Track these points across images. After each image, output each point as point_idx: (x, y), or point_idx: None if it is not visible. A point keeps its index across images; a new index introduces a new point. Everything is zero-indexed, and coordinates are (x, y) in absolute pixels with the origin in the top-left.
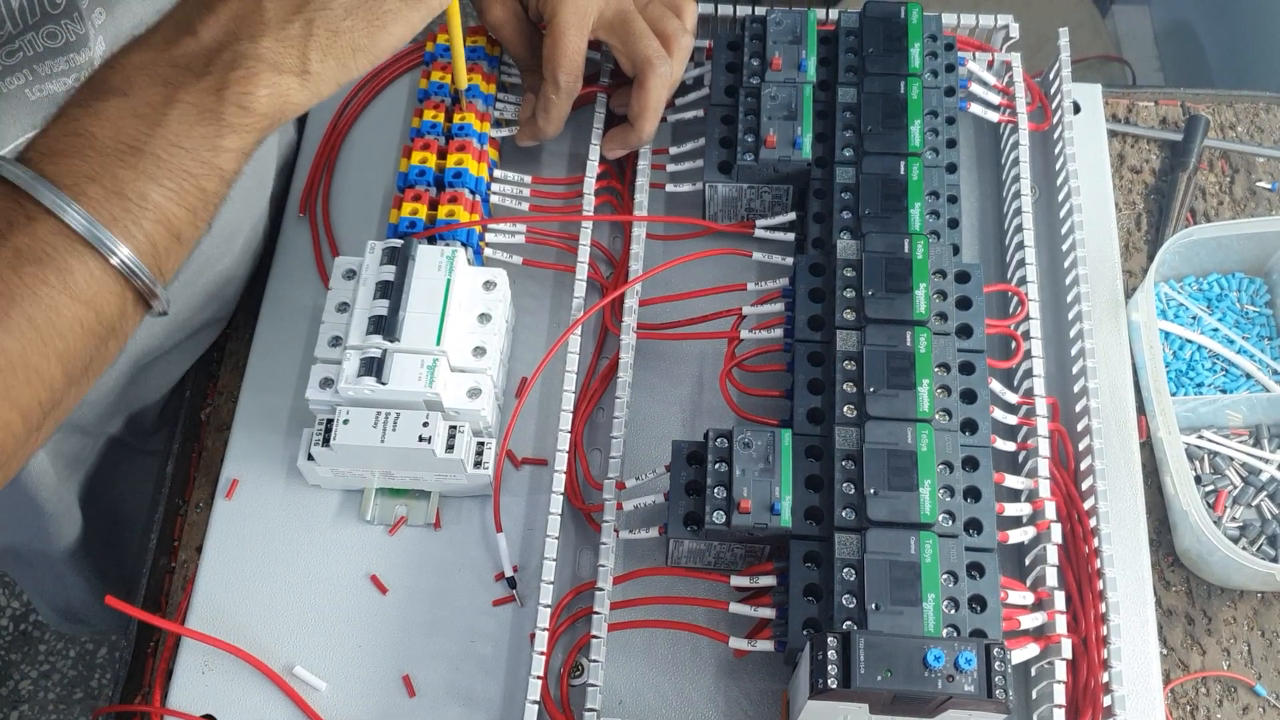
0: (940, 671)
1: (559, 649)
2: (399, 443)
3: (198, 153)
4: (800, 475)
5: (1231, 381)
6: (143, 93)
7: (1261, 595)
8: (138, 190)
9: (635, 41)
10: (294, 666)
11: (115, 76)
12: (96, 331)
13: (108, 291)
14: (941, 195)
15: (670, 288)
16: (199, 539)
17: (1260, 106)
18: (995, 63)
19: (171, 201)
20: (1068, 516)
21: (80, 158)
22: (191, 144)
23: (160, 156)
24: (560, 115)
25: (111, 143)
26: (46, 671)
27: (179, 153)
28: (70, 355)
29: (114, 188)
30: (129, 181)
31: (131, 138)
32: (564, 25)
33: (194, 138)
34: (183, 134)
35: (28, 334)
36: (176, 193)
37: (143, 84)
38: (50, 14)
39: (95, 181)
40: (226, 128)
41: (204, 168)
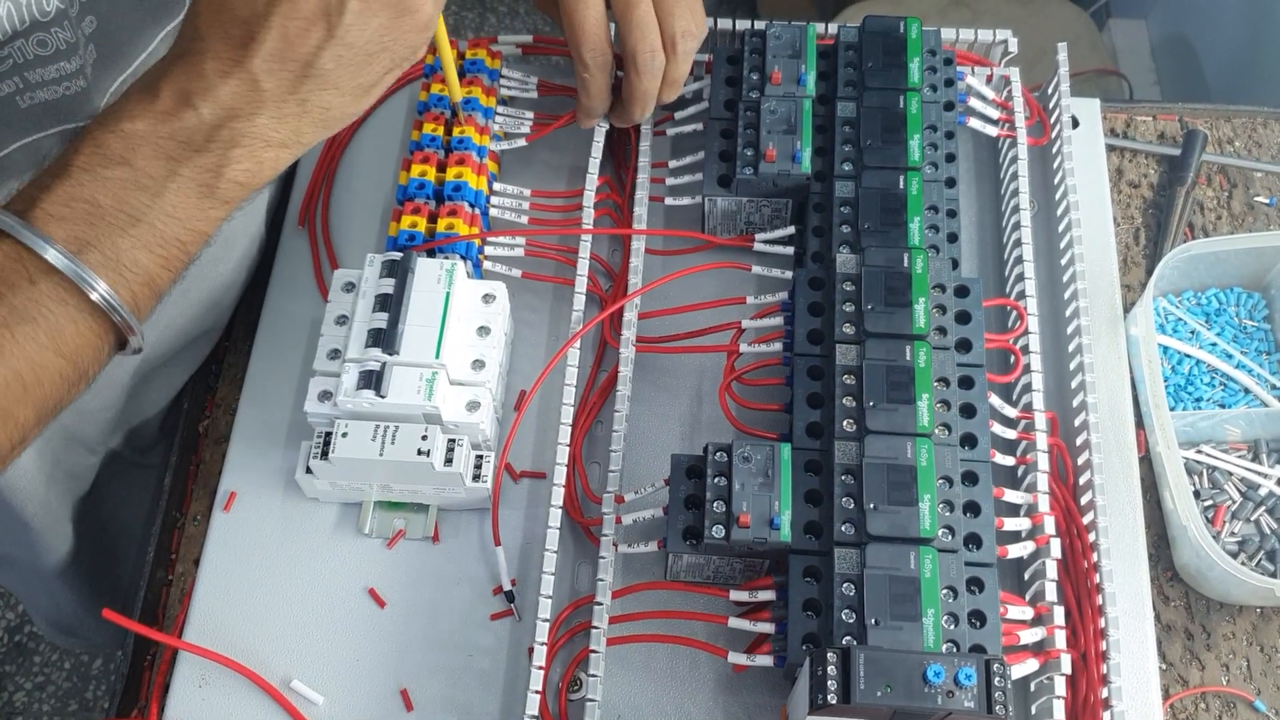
0: (940, 687)
1: (557, 663)
2: (397, 456)
3: (190, 222)
4: (799, 490)
5: (1230, 396)
6: (146, 164)
7: (1260, 610)
8: (133, 258)
9: (631, 31)
10: (291, 680)
11: (118, 145)
12: (73, 380)
13: (90, 346)
14: (940, 209)
15: (669, 301)
16: (196, 552)
17: (1258, 121)
18: (994, 77)
19: (159, 264)
20: (1067, 531)
21: (86, 224)
22: (186, 214)
23: (156, 226)
24: (600, 90)
25: (114, 212)
26: (41, 684)
27: (174, 223)
28: (46, 402)
29: (113, 255)
30: (126, 250)
31: (133, 208)
32: (566, 11)
33: (189, 209)
34: (179, 205)
35: (12, 387)
36: (165, 258)
37: (146, 156)
38: (40, 22)
39: (97, 249)
40: (220, 201)
41: (192, 235)
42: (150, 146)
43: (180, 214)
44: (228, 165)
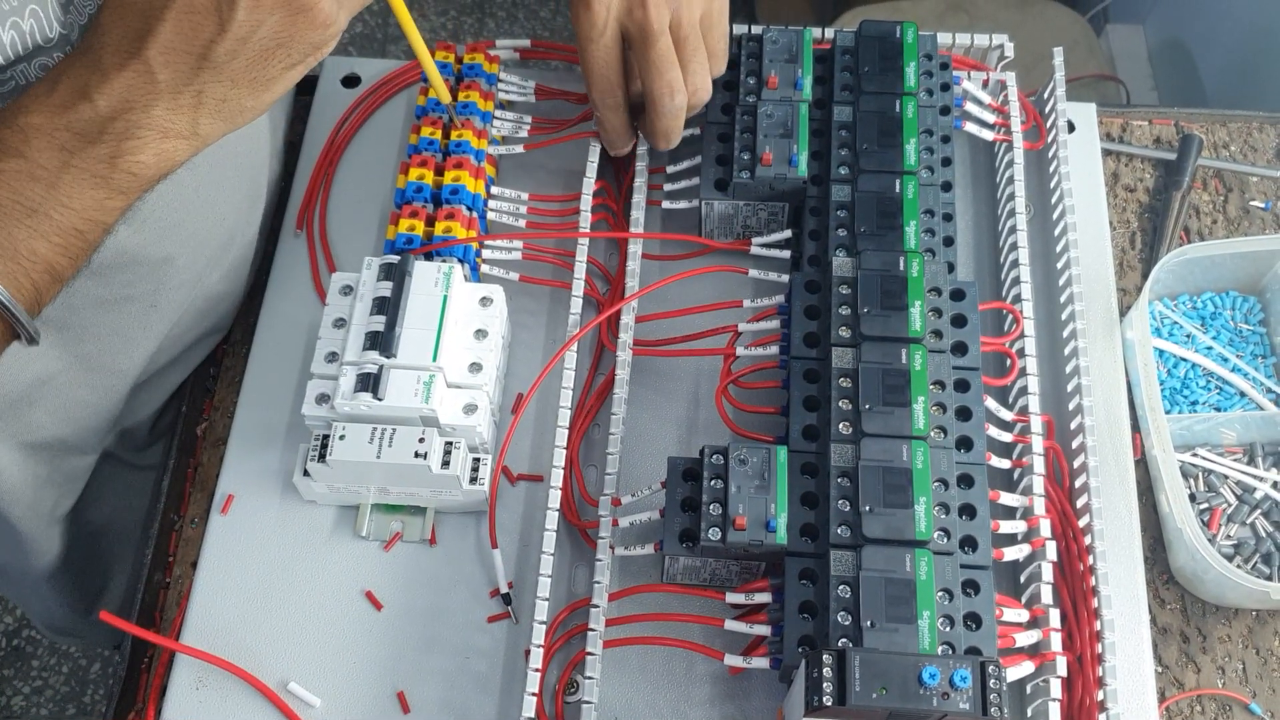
0: (935, 689)
1: (554, 666)
2: (395, 458)
3: (86, 212)
4: (796, 492)
5: (1226, 399)
6: (40, 156)
7: (1256, 613)
8: (30, 248)
9: (648, 70)
10: (288, 683)
11: (14, 138)
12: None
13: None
14: (937, 213)
15: (666, 304)
16: (194, 554)
17: (1254, 126)
18: (990, 82)
19: (58, 253)
20: (1063, 534)
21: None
22: (82, 205)
23: (53, 216)
24: (615, 128)
25: (9, 204)
26: (39, 687)
27: (70, 213)
28: None
29: (10, 246)
30: (23, 240)
31: (29, 200)
32: (579, 39)
33: (85, 200)
34: (75, 196)
35: None
36: (63, 246)
37: (40, 147)
38: (44, 47)
39: None
40: (116, 191)
41: (90, 224)
42: (44, 139)
43: (76, 204)
44: (122, 156)
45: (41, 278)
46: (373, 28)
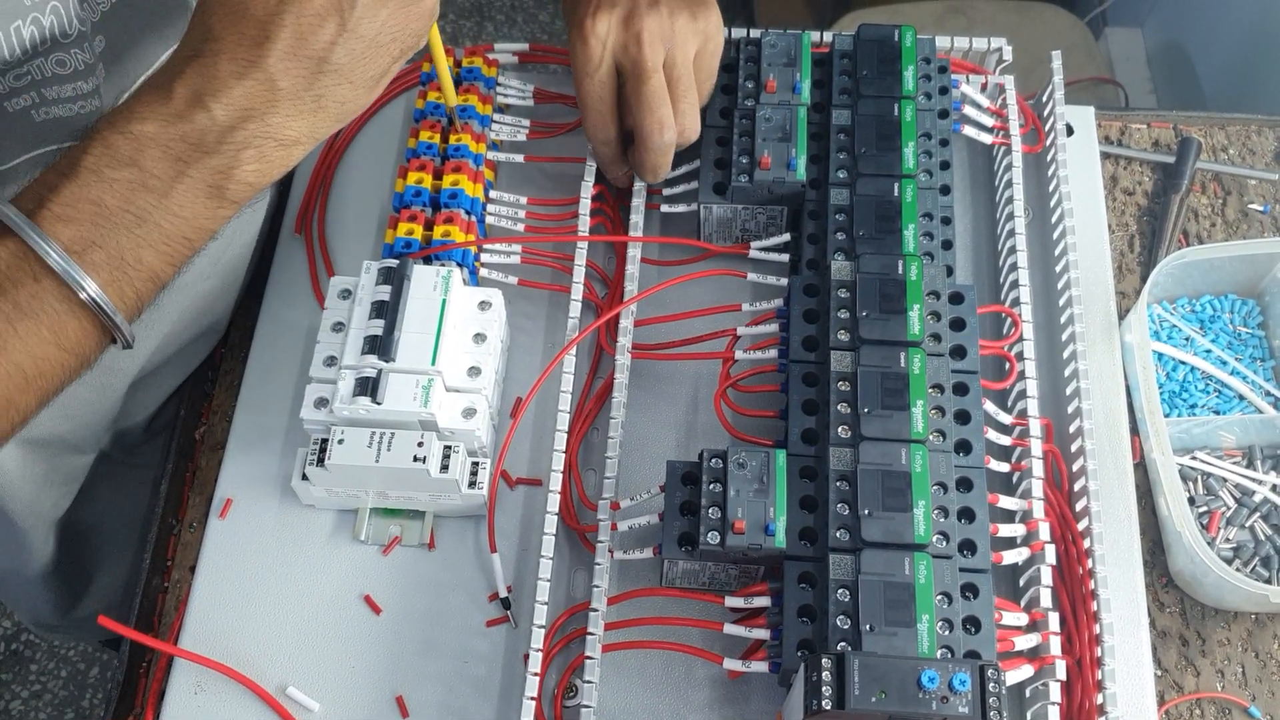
0: (935, 693)
1: (553, 670)
2: (394, 463)
3: (196, 221)
4: (795, 496)
5: (1224, 403)
6: (154, 166)
7: (1255, 616)
8: (136, 256)
9: (639, 106)
10: (287, 687)
11: (126, 145)
12: (74, 369)
13: (93, 340)
14: (935, 217)
15: (665, 308)
16: (192, 559)
17: (1252, 129)
18: (988, 85)
19: (163, 261)
20: (1062, 538)
21: (91, 225)
22: (193, 214)
23: (162, 226)
24: (611, 160)
25: (119, 213)
26: (38, 691)
27: (180, 222)
28: (48, 391)
29: (117, 254)
30: (130, 249)
31: (139, 209)
32: (575, 73)
33: (196, 209)
34: (186, 206)
35: (15, 379)
36: (169, 254)
37: (155, 158)
38: (61, 42)
39: (101, 248)
40: (227, 201)
41: (198, 232)
42: (159, 148)
43: (187, 214)
44: (238, 167)
45: (145, 285)
46: None
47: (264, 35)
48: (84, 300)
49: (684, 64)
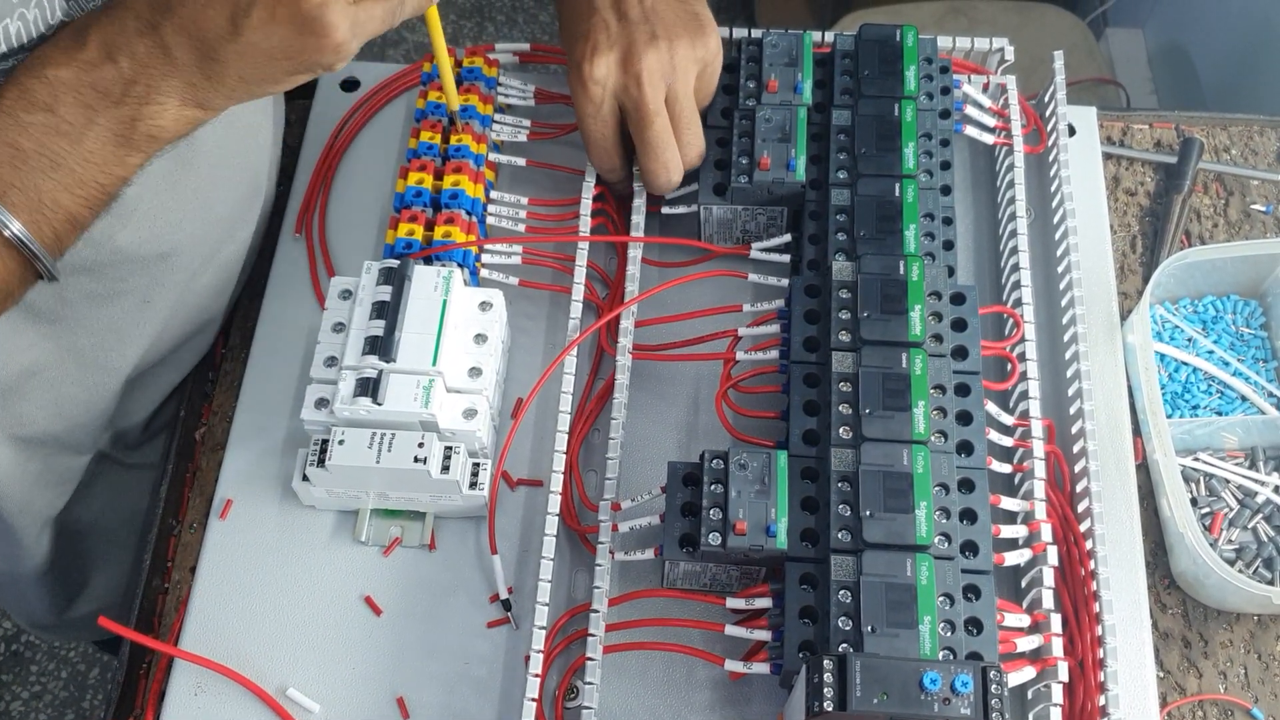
0: (936, 694)
1: (554, 671)
2: (394, 464)
3: (107, 166)
4: (796, 497)
5: (1227, 404)
6: (66, 111)
7: (1258, 618)
8: (53, 199)
9: (644, 150)
10: (287, 688)
11: (42, 90)
12: None
13: (16, 277)
14: (936, 217)
15: (666, 309)
16: (193, 560)
17: (1254, 129)
18: (990, 85)
19: (79, 204)
20: (1064, 539)
21: (9, 167)
22: (103, 160)
23: (75, 170)
24: (623, 188)
25: (36, 157)
26: (38, 692)
27: (92, 167)
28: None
29: (35, 196)
30: (47, 191)
31: (53, 153)
32: (577, 113)
33: (106, 155)
34: (97, 152)
35: None
36: (85, 198)
37: (67, 104)
38: (46, 35)
39: (20, 190)
40: (135, 149)
41: (111, 178)
42: (72, 95)
43: (98, 160)
44: (142, 119)
45: (63, 225)
46: None
47: (167, 5)
48: (7, 238)
49: (685, 96)
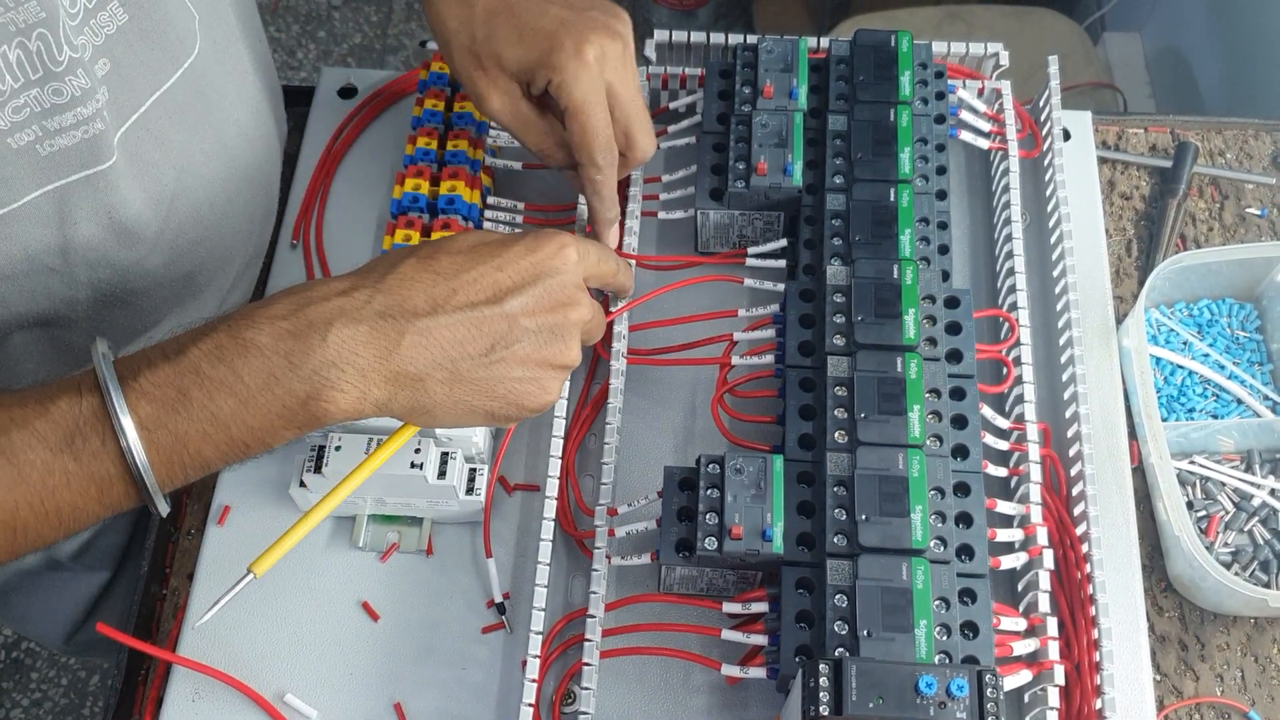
0: (932, 699)
1: (551, 676)
2: (391, 469)
3: (261, 434)
4: (792, 501)
5: (1222, 407)
6: (250, 376)
7: (1254, 621)
8: (198, 448)
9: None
10: (285, 694)
11: (233, 349)
12: (101, 518)
13: (130, 502)
14: (932, 221)
15: (662, 313)
16: (190, 566)
17: (1249, 133)
18: (985, 90)
19: (218, 457)
20: (1060, 542)
21: (170, 410)
22: (261, 427)
23: (231, 430)
24: (612, 193)
25: (200, 409)
26: (38, 700)
27: (247, 431)
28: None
29: (181, 441)
30: (194, 441)
31: (218, 410)
32: (583, 103)
33: (265, 424)
34: (261, 422)
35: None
36: (226, 454)
37: (252, 369)
38: (53, 71)
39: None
40: (296, 427)
41: (260, 445)
42: (261, 359)
43: (257, 425)
44: (315, 400)
45: (193, 472)
46: (370, 38)
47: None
48: (133, 472)
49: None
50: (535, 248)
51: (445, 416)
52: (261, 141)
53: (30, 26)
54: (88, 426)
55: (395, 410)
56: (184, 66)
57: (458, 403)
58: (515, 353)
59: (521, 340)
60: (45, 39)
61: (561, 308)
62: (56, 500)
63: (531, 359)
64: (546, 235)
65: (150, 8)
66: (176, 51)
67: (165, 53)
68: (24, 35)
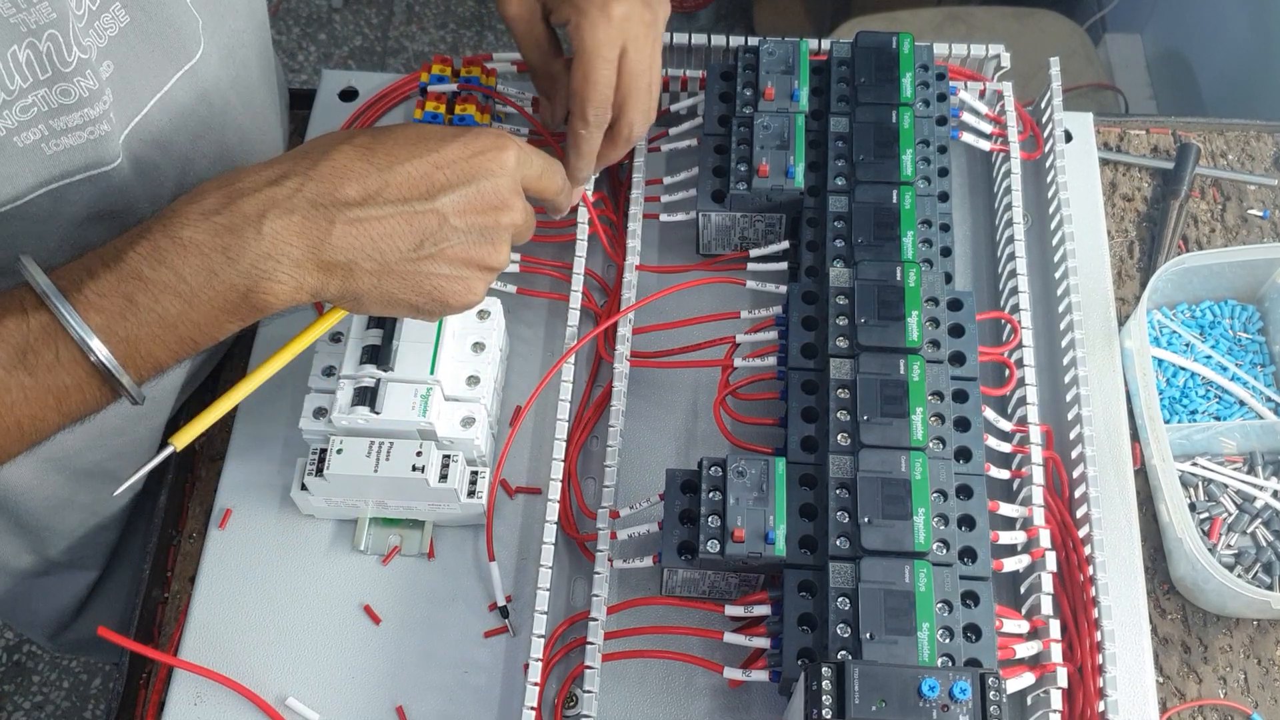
0: (935, 701)
1: (553, 679)
2: (392, 472)
3: (207, 329)
4: (794, 504)
5: (1225, 409)
6: (191, 275)
7: (1257, 623)
8: (149, 350)
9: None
10: (287, 698)
11: (172, 250)
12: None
13: (91, 406)
14: (934, 223)
15: (664, 316)
16: (192, 569)
17: (1251, 134)
18: (987, 92)
19: (170, 356)
20: (1062, 544)
21: (119, 317)
22: (210, 326)
23: (179, 331)
24: (593, 150)
25: (147, 312)
26: (40, 703)
27: (194, 329)
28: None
29: (134, 345)
30: (145, 342)
31: (164, 312)
32: (593, 55)
33: (211, 320)
34: (206, 318)
35: (12, 434)
36: (176, 352)
37: (193, 268)
38: (62, 72)
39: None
40: (240, 319)
41: (209, 340)
42: (198, 259)
43: (205, 324)
44: (255, 292)
45: (149, 373)
46: (371, 41)
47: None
48: (96, 368)
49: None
50: (474, 147)
51: (372, 305)
52: (265, 147)
53: (41, 27)
54: (39, 342)
55: (328, 296)
56: (184, 69)
57: (384, 294)
58: (444, 250)
59: (450, 239)
60: (55, 40)
61: (493, 210)
62: (16, 415)
63: (459, 258)
64: (487, 134)
65: (151, 10)
66: (177, 54)
67: (166, 55)
68: (34, 36)
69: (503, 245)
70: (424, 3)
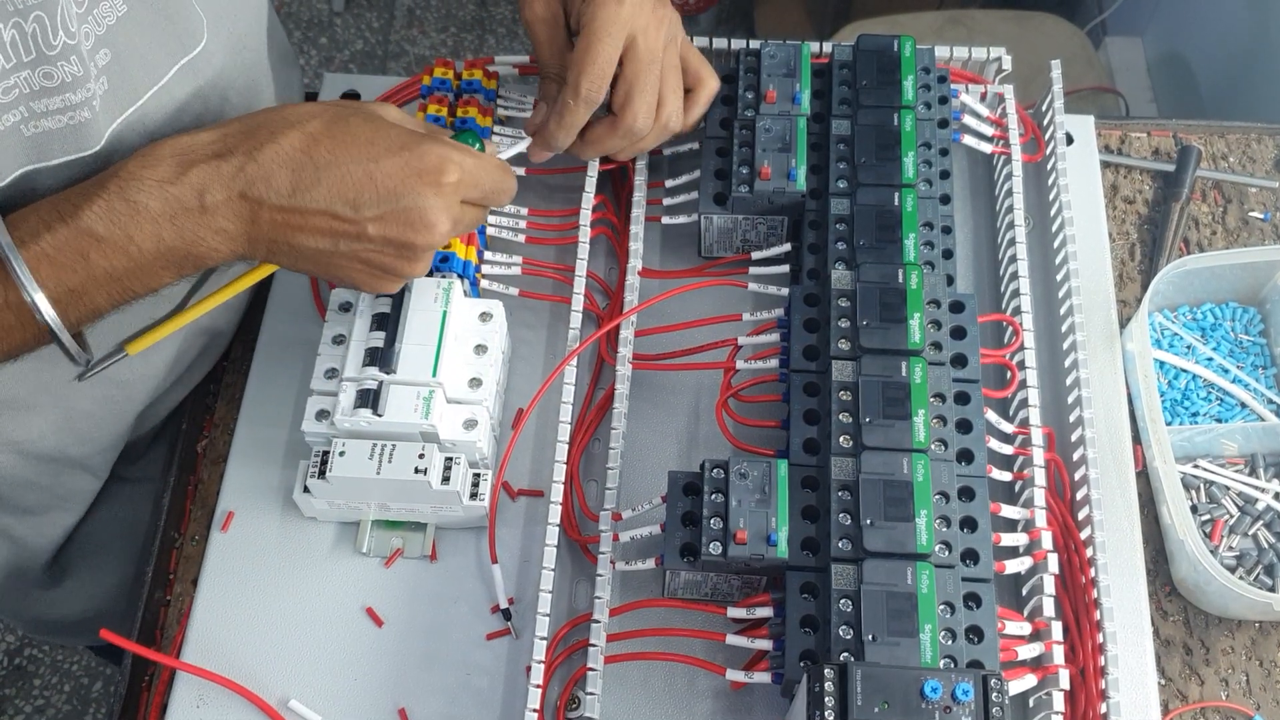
0: (937, 703)
1: (555, 682)
2: (395, 475)
3: (150, 283)
4: (796, 506)
5: (1226, 411)
6: (141, 238)
7: (1259, 625)
8: (92, 300)
9: (635, 88)
10: (289, 700)
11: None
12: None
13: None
14: (935, 226)
15: (666, 318)
16: (194, 572)
17: (1252, 137)
18: (988, 95)
19: (110, 305)
20: (1064, 546)
21: (70, 272)
22: (152, 279)
23: (124, 284)
24: (574, 125)
25: (98, 269)
26: (41, 706)
27: (139, 283)
28: None
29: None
30: (94, 298)
31: (114, 269)
32: (599, 31)
33: (156, 277)
34: (149, 274)
35: None
36: (118, 302)
37: (144, 233)
38: (46, 55)
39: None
40: (180, 273)
41: (149, 290)
42: (152, 224)
43: (145, 276)
44: (198, 256)
45: (88, 319)
46: (373, 45)
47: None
48: (39, 323)
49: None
50: (415, 166)
51: (296, 271)
52: None
53: (29, 9)
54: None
55: (259, 259)
56: (180, 63)
57: (303, 270)
58: (357, 253)
59: (366, 246)
60: (42, 21)
61: (415, 230)
62: None
63: (372, 262)
64: (435, 153)
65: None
66: (175, 48)
67: (165, 47)
68: (21, 16)
69: (418, 261)
70: (425, 6)
